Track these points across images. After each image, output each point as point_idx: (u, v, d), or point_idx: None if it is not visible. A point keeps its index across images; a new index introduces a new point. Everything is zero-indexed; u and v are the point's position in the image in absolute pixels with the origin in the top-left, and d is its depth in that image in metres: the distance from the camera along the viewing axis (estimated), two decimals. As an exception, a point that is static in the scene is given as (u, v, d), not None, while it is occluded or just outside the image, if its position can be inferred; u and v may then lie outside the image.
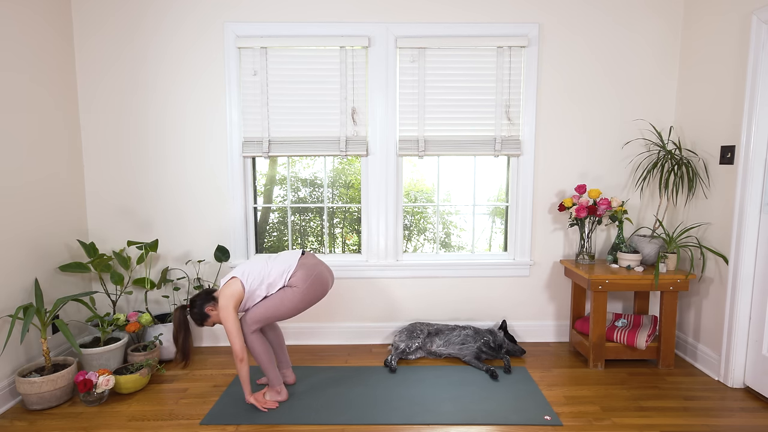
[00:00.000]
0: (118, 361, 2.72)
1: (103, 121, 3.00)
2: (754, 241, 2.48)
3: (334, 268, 3.17)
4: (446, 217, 3.67)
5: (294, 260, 2.35)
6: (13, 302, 2.46)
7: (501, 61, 3.00)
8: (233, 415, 2.29)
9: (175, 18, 2.94)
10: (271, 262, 2.35)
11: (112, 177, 3.05)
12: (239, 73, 2.99)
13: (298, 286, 2.29)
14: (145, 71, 2.98)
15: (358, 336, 3.24)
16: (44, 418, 2.28)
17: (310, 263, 2.37)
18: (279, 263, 2.34)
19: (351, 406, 2.37)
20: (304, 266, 2.34)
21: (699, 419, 2.24)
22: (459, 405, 2.37)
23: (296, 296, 2.28)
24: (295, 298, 2.28)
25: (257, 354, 2.31)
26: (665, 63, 3.03)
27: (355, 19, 2.97)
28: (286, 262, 2.35)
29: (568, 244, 3.19)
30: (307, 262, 2.37)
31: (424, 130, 3.06)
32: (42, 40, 2.67)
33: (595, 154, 3.11)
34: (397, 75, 3.02)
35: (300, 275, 2.31)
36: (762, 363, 2.45)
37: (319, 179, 3.37)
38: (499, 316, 3.26)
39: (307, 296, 2.30)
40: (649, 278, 2.73)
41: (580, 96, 3.06)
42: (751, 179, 2.44)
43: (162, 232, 3.11)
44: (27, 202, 2.56)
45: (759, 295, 2.47)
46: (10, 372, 2.44)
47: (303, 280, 2.30)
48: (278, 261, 2.36)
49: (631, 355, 2.82)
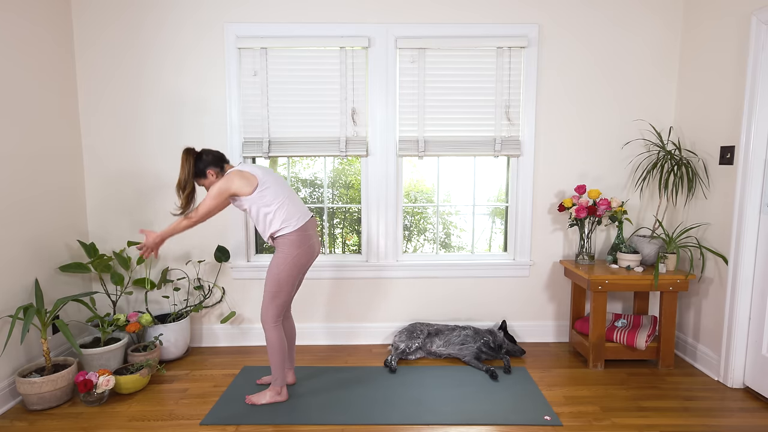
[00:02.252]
0: (119, 361, 2.72)
1: (103, 123, 3.01)
2: (753, 241, 2.48)
3: (335, 268, 3.17)
4: (446, 218, 3.67)
5: (303, 220, 2.29)
6: (14, 302, 2.46)
7: (501, 61, 3.00)
8: (233, 416, 2.29)
9: (176, 21, 2.95)
10: (289, 201, 2.28)
11: (112, 178, 3.05)
12: (239, 73, 2.99)
13: (287, 250, 2.25)
14: (146, 73, 2.98)
15: (358, 336, 3.24)
16: (44, 419, 2.29)
17: (310, 232, 2.32)
18: (293, 208, 2.28)
19: (351, 406, 2.37)
20: (305, 232, 2.29)
21: (699, 419, 2.25)
22: (459, 405, 2.38)
23: (287, 262, 2.25)
24: (287, 264, 2.25)
25: (274, 351, 2.31)
26: (665, 63, 3.03)
27: (354, 20, 2.97)
28: (297, 214, 2.28)
29: (567, 245, 3.20)
30: (309, 230, 2.33)
31: (424, 131, 3.07)
32: (43, 42, 2.67)
33: (594, 154, 3.11)
34: (397, 75, 3.02)
35: (294, 238, 2.25)
36: (762, 363, 2.46)
37: (320, 180, 3.38)
38: (499, 316, 3.27)
39: (299, 261, 2.27)
40: (649, 278, 2.73)
41: (579, 96, 3.06)
42: (751, 180, 2.44)
43: (162, 233, 3.11)
44: (28, 203, 2.57)
45: (758, 296, 2.47)
46: (11, 372, 2.44)
47: (297, 245, 2.25)
48: (293, 206, 2.28)
49: (630, 355, 2.82)
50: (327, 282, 3.20)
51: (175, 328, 2.92)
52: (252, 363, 2.93)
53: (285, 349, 2.34)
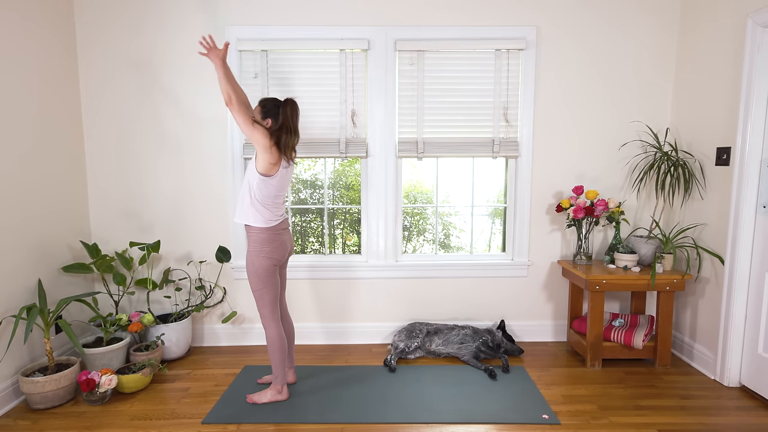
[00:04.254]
0: (121, 360, 2.75)
1: (105, 125, 3.03)
2: (749, 241, 2.50)
3: (335, 268, 3.20)
4: (445, 218, 3.70)
5: (278, 220, 2.34)
6: (17, 303, 2.49)
7: (499, 63, 3.03)
8: (234, 414, 2.31)
9: (177, 23, 2.97)
10: (278, 201, 2.32)
11: (114, 179, 3.08)
12: (240, 75, 3.01)
13: (258, 247, 2.29)
14: (147, 75, 3.00)
15: (357, 335, 3.26)
16: (47, 418, 2.31)
17: (280, 231, 2.36)
18: (276, 210, 2.32)
19: (351, 405, 2.39)
20: (276, 231, 2.33)
21: (695, 418, 2.27)
22: (458, 404, 2.40)
23: (261, 257, 2.28)
24: (260, 259, 2.28)
25: (274, 349, 2.34)
26: (661, 65, 3.06)
27: (354, 23, 3.00)
28: (277, 214, 2.33)
29: (565, 245, 3.22)
30: (280, 228, 2.36)
31: (422, 132, 3.09)
32: (45, 45, 2.70)
33: (592, 155, 3.14)
34: (396, 77, 3.05)
35: (266, 236, 2.29)
36: (758, 362, 2.48)
37: (320, 181, 3.40)
38: (498, 315, 3.29)
39: (272, 255, 2.30)
40: (646, 278, 2.76)
41: (577, 98, 3.09)
42: (747, 180, 2.47)
43: (164, 233, 3.13)
44: (31, 204, 2.59)
45: (754, 295, 2.50)
46: (14, 372, 2.47)
47: (268, 242, 2.29)
48: (276, 208, 2.32)
49: (628, 354, 2.84)
50: (327, 282, 3.23)
51: (176, 328, 2.94)
52: (253, 362, 2.95)
53: (285, 347, 2.37)
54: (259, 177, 2.23)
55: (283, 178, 2.29)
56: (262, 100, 2.30)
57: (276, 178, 2.26)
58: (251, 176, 2.26)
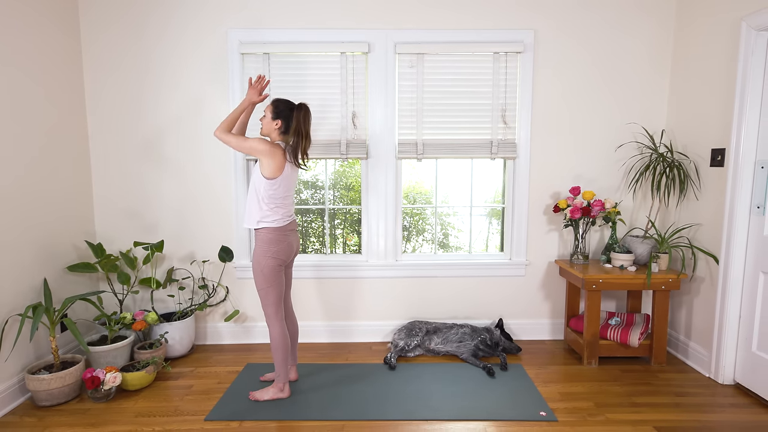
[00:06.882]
0: (125, 358, 2.78)
1: (109, 125, 3.07)
2: (743, 241, 2.54)
3: (335, 268, 3.24)
4: (444, 219, 3.74)
5: (287, 221, 2.38)
6: (23, 301, 2.53)
7: (497, 66, 3.07)
8: (237, 412, 2.35)
9: (179, 24, 3.01)
10: (286, 201, 2.37)
11: (119, 179, 3.12)
12: (242, 78, 3.05)
13: (265, 246, 2.33)
14: (149, 76, 3.05)
15: (358, 334, 3.30)
16: (53, 415, 2.35)
17: (288, 231, 2.40)
18: (283, 210, 2.36)
19: (351, 403, 2.43)
20: (283, 231, 2.37)
21: (690, 415, 2.31)
22: (456, 401, 2.44)
23: (267, 256, 2.33)
24: (266, 259, 2.32)
25: (277, 347, 2.38)
26: (657, 68, 3.10)
27: (355, 26, 3.04)
28: (286, 215, 2.38)
29: (562, 245, 3.26)
30: (288, 229, 2.40)
31: (422, 134, 3.13)
32: (50, 46, 2.74)
33: (588, 156, 3.18)
34: (396, 80, 3.09)
35: (273, 236, 2.33)
36: (752, 360, 2.52)
37: (321, 181, 3.44)
38: (496, 314, 3.33)
39: (278, 255, 2.35)
40: (642, 278, 2.80)
41: (574, 100, 3.13)
42: (741, 181, 2.51)
43: (167, 233, 3.18)
44: (36, 204, 2.63)
45: (748, 294, 2.53)
46: (20, 369, 2.50)
47: (276, 242, 2.34)
48: (284, 208, 2.36)
49: (624, 352, 2.88)
50: (328, 281, 3.27)
51: (180, 327, 2.99)
52: (255, 360, 2.99)
53: (288, 346, 2.41)
54: (266, 181, 2.28)
55: (288, 179, 2.34)
56: (275, 100, 2.34)
57: (281, 179, 2.30)
58: (257, 181, 2.30)
